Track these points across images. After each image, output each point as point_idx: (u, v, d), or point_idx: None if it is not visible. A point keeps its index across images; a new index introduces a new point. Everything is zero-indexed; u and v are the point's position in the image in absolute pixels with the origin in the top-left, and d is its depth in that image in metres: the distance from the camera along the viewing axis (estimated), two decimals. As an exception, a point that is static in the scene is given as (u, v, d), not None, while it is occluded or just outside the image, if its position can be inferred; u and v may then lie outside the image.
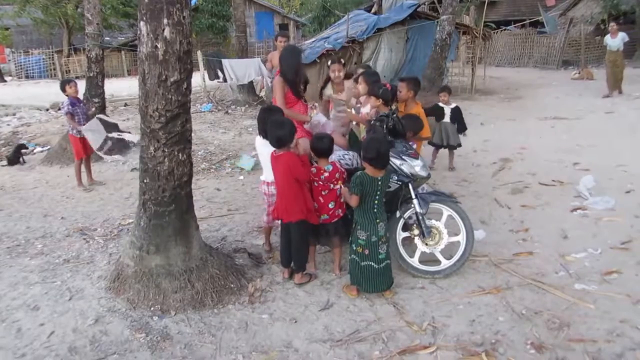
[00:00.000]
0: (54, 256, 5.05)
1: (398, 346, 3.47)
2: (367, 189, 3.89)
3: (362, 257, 3.97)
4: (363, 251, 3.96)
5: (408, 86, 5.23)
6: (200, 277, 4.12)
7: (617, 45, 13.59)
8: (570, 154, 8.09)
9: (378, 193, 3.94)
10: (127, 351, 3.49)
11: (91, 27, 9.10)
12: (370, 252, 3.95)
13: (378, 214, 3.97)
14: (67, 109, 7.22)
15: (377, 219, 3.96)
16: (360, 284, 4.05)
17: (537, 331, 3.57)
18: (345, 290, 4.17)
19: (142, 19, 3.72)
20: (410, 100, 5.30)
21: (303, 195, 4.19)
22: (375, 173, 3.89)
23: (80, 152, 7.35)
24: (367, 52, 13.79)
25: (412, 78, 5.49)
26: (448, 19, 10.67)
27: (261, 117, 4.56)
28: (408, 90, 5.22)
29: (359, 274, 4.01)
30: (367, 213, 3.96)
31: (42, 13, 28.02)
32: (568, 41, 23.24)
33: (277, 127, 4.13)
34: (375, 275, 3.97)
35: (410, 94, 5.25)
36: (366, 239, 3.94)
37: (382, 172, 3.93)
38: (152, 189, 4.06)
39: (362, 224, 3.97)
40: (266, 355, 3.44)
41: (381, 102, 4.76)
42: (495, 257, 4.72)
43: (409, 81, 5.32)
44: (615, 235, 5.04)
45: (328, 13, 31.58)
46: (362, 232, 3.96)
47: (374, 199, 3.94)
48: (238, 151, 9.09)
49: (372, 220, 3.95)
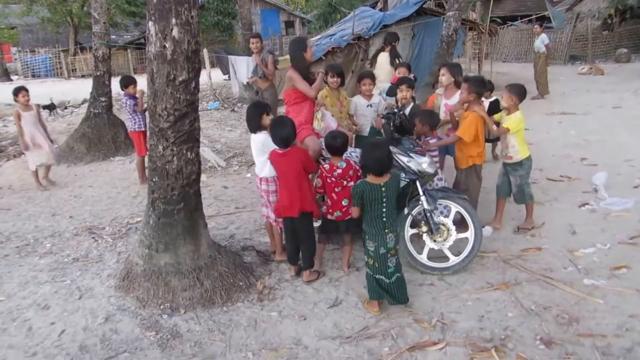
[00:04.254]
0: (63, 255, 5.09)
1: (407, 342, 3.48)
2: (369, 197, 3.71)
3: (374, 269, 3.78)
4: (373, 263, 3.78)
5: (470, 88, 4.84)
6: (209, 275, 4.15)
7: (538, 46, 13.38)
8: (578, 149, 8.05)
9: (384, 200, 3.72)
10: (137, 349, 3.52)
11: (98, 26, 9.15)
12: (379, 265, 3.76)
13: (387, 224, 3.74)
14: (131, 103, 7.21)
15: (386, 228, 3.74)
16: (382, 297, 3.82)
17: (546, 326, 3.57)
18: (366, 307, 3.92)
19: (151, 19, 3.74)
20: (472, 103, 4.90)
21: (309, 188, 4.23)
22: (376, 180, 3.72)
23: (142, 148, 7.24)
24: (373, 49, 13.71)
25: (475, 79, 5.05)
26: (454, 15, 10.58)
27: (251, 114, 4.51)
28: (469, 93, 4.85)
29: (377, 286, 3.79)
30: (374, 222, 3.76)
31: (49, 12, 28.10)
32: (575, 36, 23.10)
33: (280, 127, 4.15)
34: (389, 289, 3.77)
35: (472, 96, 4.86)
36: (375, 249, 3.75)
37: (384, 178, 3.73)
38: (161, 188, 4.08)
39: (370, 234, 3.78)
40: (276, 352, 3.45)
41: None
42: (503, 253, 4.72)
43: (471, 83, 4.91)
44: (624, 231, 5.01)
45: (334, 10, 31.51)
46: (370, 242, 3.78)
47: (380, 206, 3.73)
48: (245, 149, 9.10)
49: (380, 230, 3.74)
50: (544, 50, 13.24)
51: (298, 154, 4.16)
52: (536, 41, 13.47)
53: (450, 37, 10.70)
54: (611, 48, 22.91)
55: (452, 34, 10.68)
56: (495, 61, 18.90)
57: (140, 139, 7.27)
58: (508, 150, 4.99)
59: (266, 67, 7.99)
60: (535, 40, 13.61)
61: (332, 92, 5.64)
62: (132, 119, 7.27)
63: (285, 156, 4.16)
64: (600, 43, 22.92)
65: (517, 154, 4.98)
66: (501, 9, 27.86)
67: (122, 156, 9.25)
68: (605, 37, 23.31)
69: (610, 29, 23.79)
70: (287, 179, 4.21)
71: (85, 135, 9.37)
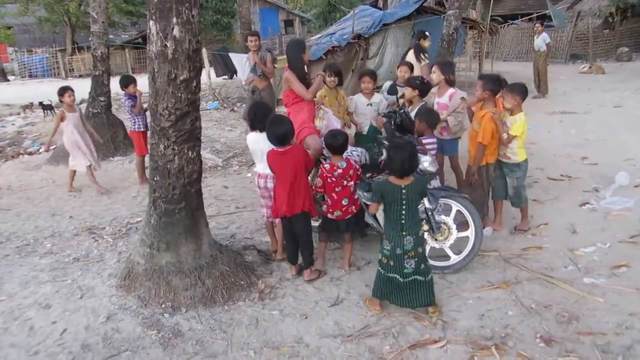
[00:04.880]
0: (64, 255, 5.10)
1: (408, 340, 3.49)
2: (388, 197, 3.68)
3: (387, 268, 3.74)
4: (388, 262, 3.73)
5: (484, 86, 4.78)
6: (210, 274, 4.15)
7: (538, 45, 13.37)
8: (579, 149, 8.06)
9: (404, 203, 3.65)
10: (139, 348, 3.53)
11: (96, 26, 9.12)
12: (395, 264, 3.71)
13: (406, 227, 3.67)
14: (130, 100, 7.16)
15: (404, 231, 3.66)
16: (385, 296, 3.83)
17: (546, 325, 3.58)
18: (367, 304, 3.93)
19: (152, 18, 3.74)
20: (487, 101, 4.86)
21: (307, 188, 4.24)
22: (398, 181, 3.66)
23: (142, 148, 7.22)
24: (373, 47, 13.73)
25: (490, 76, 4.93)
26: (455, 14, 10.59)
27: (252, 113, 4.55)
28: (483, 91, 4.79)
29: (383, 285, 3.79)
30: (392, 223, 3.72)
31: (45, 11, 28.01)
32: (576, 35, 23.07)
33: (278, 125, 4.14)
34: (399, 289, 3.73)
35: (486, 94, 4.80)
36: (391, 249, 3.70)
37: (407, 181, 3.65)
38: (162, 187, 4.08)
39: (388, 234, 3.75)
40: (277, 350, 3.46)
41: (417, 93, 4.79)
42: (504, 252, 4.73)
43: (486, 80, 4.85)
44: (624, 230, 5.02)
45: (333, 9, 31.46)
46: (386, 242, 3.75)
47: (400, 208, 3.66)
48: (244, 149, 9.09)
49: (398, 232, 3.68)
50: (544, 49, 13.23)
51: (298, 153, 4.15)
52: (537, 40, 13.44)
53: (451, 36, 10.71)
54: (612, 47, 22.86)
55: (453, 32, 10.69)
56: (496, 60, 18.87)
57: (140, 138, 7.26)
58: (507, 150, 4.98)
59: (265, 65, 7.98)
60: (535, 39, 13.58)
61: (331, 91, 5.65)
62: (131, 118, 7.26)
63: (284, 155, 4.15)
64: (601, 42, 22.87)
65: (515, 155, 4.97)
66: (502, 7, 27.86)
67: (122, 156, 9.23)
68: (606, 36, 23.26)
69: (611, 28, 23.73)
70: (285, 178, 4.18)
71: (84, 135, 9.30)
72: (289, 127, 4.15)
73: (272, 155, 4.20)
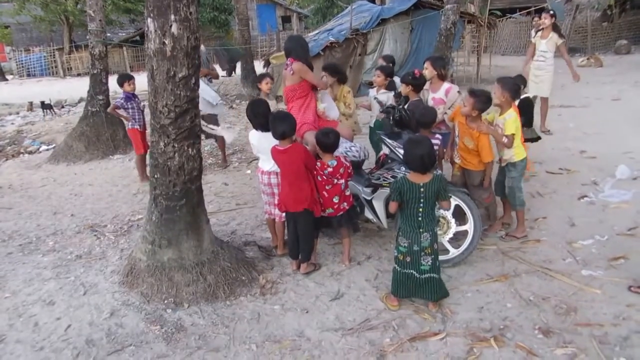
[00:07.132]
0: (66, 252, 5.13)
1: (408, 333, 3.53)
2: (407, 195, 3.65)
3: (404, 265, 3.75)
4: (404, 259, 3.74)
5: (475, 105, 4.57)
6: (212, 270, 4.19)
7: None
8: (577, 142, 8.07)
9: (422, 201, 3.64)
10: (143, 343, 3.57)
11: (94, 24, 9.10)
12: (412, 260, 3.72)
13: (423, 224, 3.68)
14: (117, 101, 7.26)
15: (421, 228, 3.68)
16: (406, 295, 3.84)
17: (544, 316, 3.62)
18: (385, 301, 3.93)
19: (150, 16, 3.76)
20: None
21: (311, 184, 4.26)
22: (417, 179, 3.64)
23: (140, 146, 7.29)
24: (371, 43, 13.75)
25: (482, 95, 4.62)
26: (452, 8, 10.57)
27: (252, 111, 4.56)
28: (473, 109, 4.60)
29: (401, 283, 3.80)
30: (409, 220, 3.71)
31: (41, 10, 27.94)
32: (574, 28, 23.04)
33: (280, 121, 4.17)
34: (417, 285, 3.75)
35: (475, 113, 4.62)
36: (408, 246, 3.71)
37: (425, 179, 3.64)
38: (163, 184, 4.11)
39: (404, 231, 3.74)
40: (279, 344, 3.50)
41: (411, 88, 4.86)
42: (503, 246, 4.77)
43: (477, 100, 4.57)
44: (622, 222, 5.06)
45: (331, 4, 31.40)
46: (403, 239, 3.74)
47: (417, 206, 3.66)
48: (244, 145, 9.12)
49: (415, 229, 3.69)
50: None
51: (297, 153, 4.17)
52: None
53: (449, 30, 10.69)
54: (611, 39, 22.82)
55: (451, 27, 10.67)
56: (494, 54, 18.86)
57: (138, 136, 7.30)
58: (504, 152, 4.81)
59: None
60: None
61: (331, 90, 5.71)
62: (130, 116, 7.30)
63: (285, 153, 4.18)
64: (600, 34, 22.83)
65: (511, 154, 4.76)
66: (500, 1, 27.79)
67: (121, 154, 9.27)
68: (605, 29, 23.22)
69: (610, 20, 23.69)
70: (288, 175, 4.25)
71: (84, 134, 9.36)
72: (291, 123, 4.18)
73: (275, 152, 4.25)
